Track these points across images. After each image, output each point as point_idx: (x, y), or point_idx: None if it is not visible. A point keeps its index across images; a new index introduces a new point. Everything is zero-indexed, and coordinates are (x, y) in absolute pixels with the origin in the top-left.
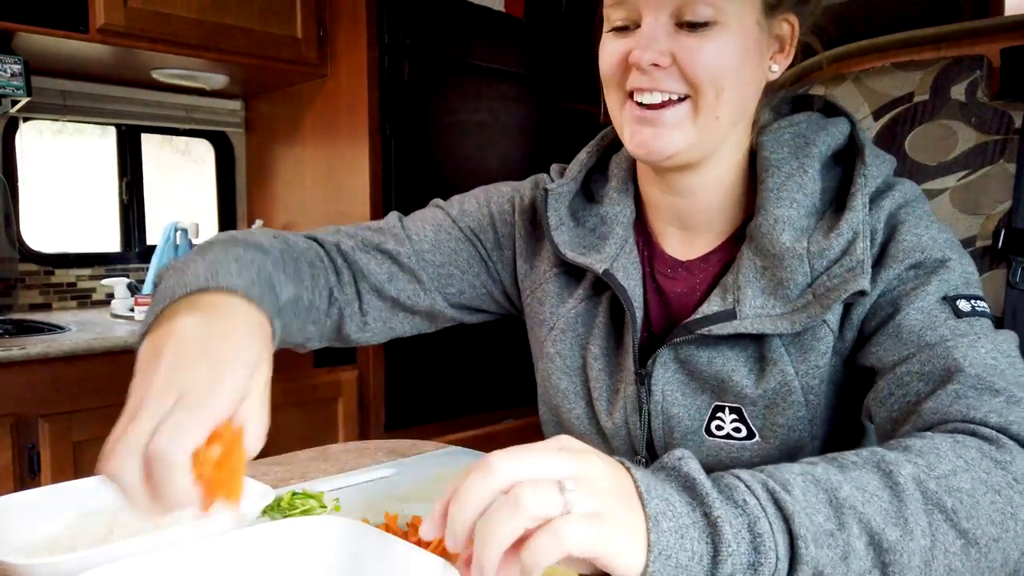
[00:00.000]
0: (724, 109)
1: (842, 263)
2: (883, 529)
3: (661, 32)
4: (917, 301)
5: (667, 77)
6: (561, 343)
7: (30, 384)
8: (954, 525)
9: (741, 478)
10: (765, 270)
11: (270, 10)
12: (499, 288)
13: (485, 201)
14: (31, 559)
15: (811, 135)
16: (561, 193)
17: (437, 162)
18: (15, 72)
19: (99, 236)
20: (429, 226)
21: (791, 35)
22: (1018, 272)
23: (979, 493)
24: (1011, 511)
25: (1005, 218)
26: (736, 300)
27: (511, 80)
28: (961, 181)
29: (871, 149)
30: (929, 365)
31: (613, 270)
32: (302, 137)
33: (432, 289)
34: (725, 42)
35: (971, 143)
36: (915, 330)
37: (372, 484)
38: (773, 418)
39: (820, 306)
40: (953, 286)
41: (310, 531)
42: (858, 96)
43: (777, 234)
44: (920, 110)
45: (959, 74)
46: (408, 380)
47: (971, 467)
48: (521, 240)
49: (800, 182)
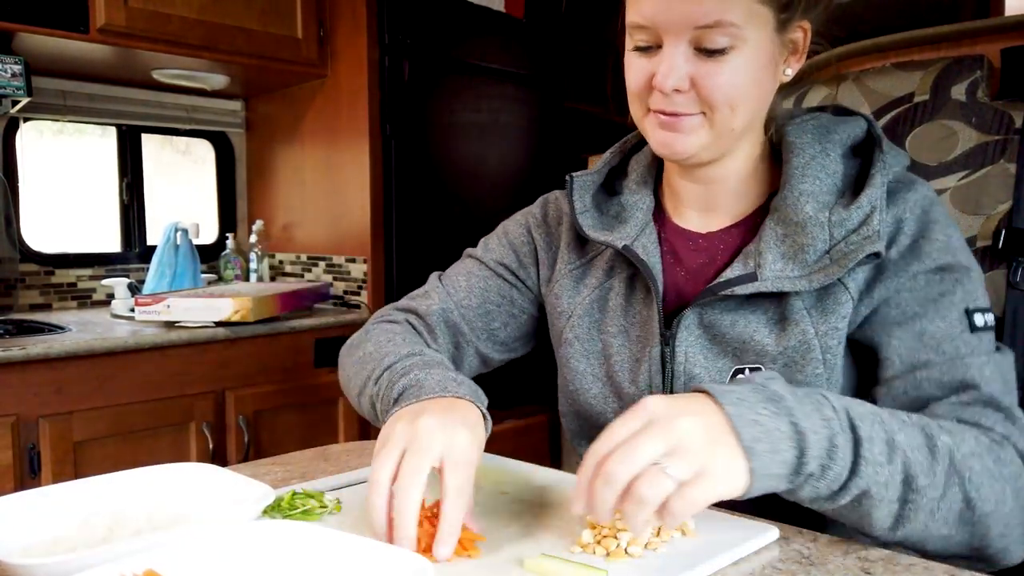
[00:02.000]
0: (738, 120)
1: (859, 232)
2: (917, 475)
3: (681, 59)
4: (942, 310)
5: (685, 100)
6: (579, 327)
7: (30, 384)
8: (963, 490)
9: (828, 398)
10: (786, 237)
11: (270, 10)
12: (535, 306)
13: (503, 233)
14: (31, 559)
15: (832, 126)
16: (585, 182)
17: (437, 162)
18: (15, 72)
19: (99, 236)
20: (461, 277)
21: (804, 39)
22: (1018, 272)
23: (985, 475)
24: (1002, 496)
25: (1005, 218)
26: (757, 264)
27: (511, 80)
28: (961, 181)
29: (888, 143)
30: (948, 376)
31: (633, 247)
32: (302, 137)
33: (473, 338)
34: (741, 64)
35: (971, 143)
36: (936, 337)
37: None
38: (792, 375)
39: (838, 267)
40: (973, 298)
41: (310, 531)
42: (858, 96)
43: (801, 205)
44: (920, 110)
45: (959, 74)
46: None
47: (983, 455)
48: (541, 252)
49: (823, 163)
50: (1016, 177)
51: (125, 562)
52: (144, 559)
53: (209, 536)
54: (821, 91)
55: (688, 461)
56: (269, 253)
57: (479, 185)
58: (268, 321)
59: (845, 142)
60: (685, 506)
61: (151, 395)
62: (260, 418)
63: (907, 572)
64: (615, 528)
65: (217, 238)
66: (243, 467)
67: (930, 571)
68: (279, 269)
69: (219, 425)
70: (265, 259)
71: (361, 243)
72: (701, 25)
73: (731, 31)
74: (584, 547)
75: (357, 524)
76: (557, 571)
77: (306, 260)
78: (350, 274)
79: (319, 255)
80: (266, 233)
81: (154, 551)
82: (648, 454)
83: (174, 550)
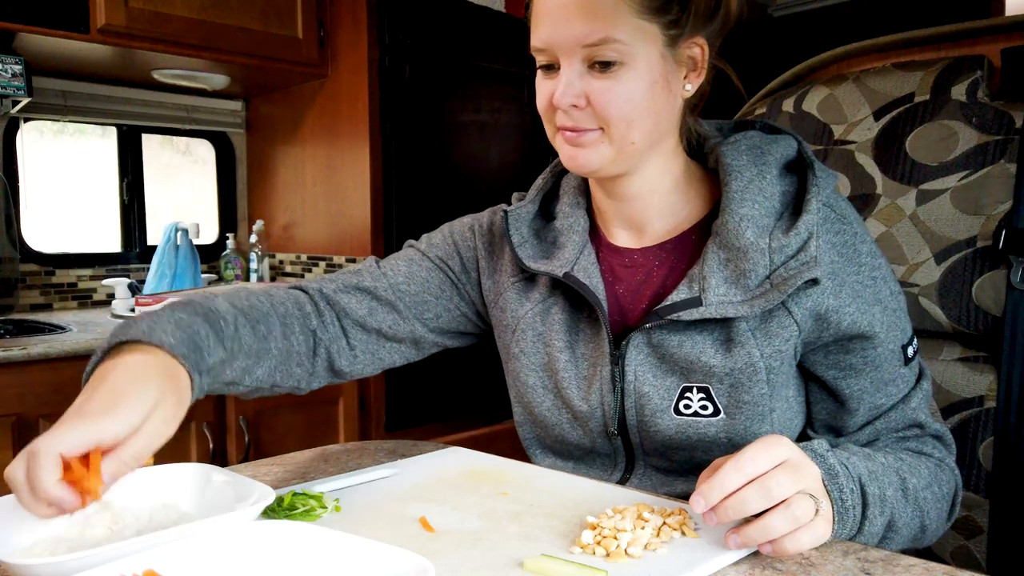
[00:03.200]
0: (637, 135)
1: (798, 257)
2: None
3: (575, 76)
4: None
5: (583, 116)
6: (524, 342)
7: (31, 384)
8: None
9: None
10: (728, 262)
11: (271, 10)
12: (472, 309)
13: (448, 233)
14: (31, 559)
15: (765, 146)
16: (520, 215)
17: (437, 162)
18: (16, 72)
19: (100, 236)
20: (402, 262)
21: (702, 55)
22: (1019, 272)
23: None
24: (941, 512)
25: (1006, 218)
26: (702, 289)
27: (512, 80)
28: (962, 181)
29: (819, 164)
30: (901, 423)
31: (574, 272)
32: (303, 137)
33: (410, 317)
34: (632, 81)
35: (972, 143)
36: (884, 380)
37: (372, 484)
38: (738, 395)
39: (778, 292)
40: (905, 330)
41: (310, 531)
42: (859, 96)
43: (742, 230)
44: (921, 110)
45: (960, 74)
46: (408, 381)
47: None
48: (483, 260)
49: (760, 186)
50: (1016, 177)
51: (125, 562)
52: (144, 559)
53: (209, 536)
54: (822, 91)
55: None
56: (269, 253)
57: (479, 184)
58: None
59: (780, 162)
60: (808, 539)
61: None
62: (260, 418)
63: (907, 573)
64: (615, 529)
65: (217, 238)
66: (243, 467)
67: (930, 572)
68: (279, 269)
69: (219, 425)
70: (265, 259)
71: (361, 243)
72: (588, 44)
73: (618, 47)
74: (584, 548)
75: (357, 524)
76: (557, 571)
77: (306, 260)
78: None
79: (319, 255)
80: (266, 233)
81: (154, 551)
82: (783, 492)
83: (174, 550)
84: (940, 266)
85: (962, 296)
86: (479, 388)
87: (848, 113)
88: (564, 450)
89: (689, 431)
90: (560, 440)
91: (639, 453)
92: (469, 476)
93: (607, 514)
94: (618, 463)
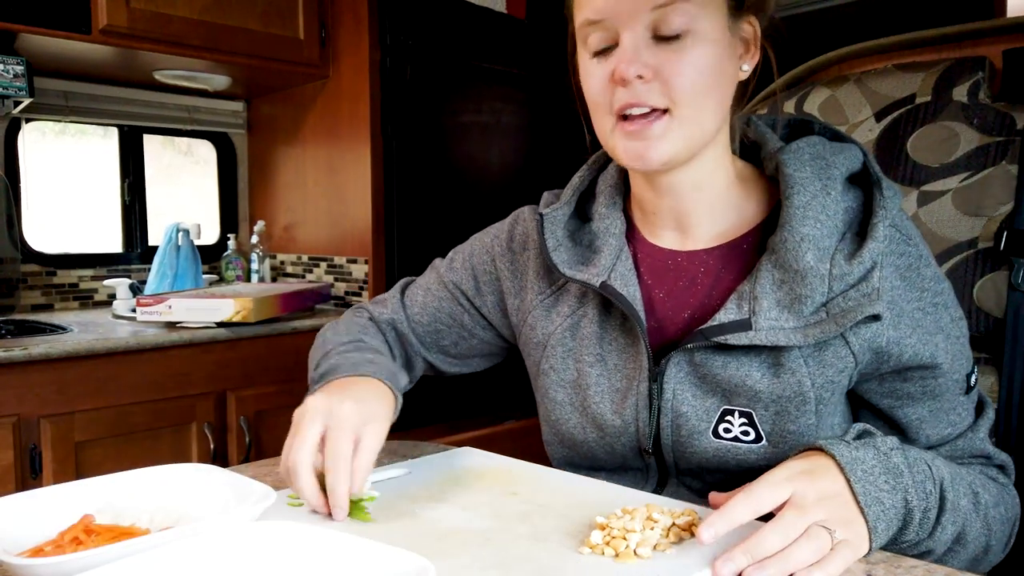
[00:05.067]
0: (705, 115)
1: (859, 288)
2: (967, 533)
3: (642, 46)
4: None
5: (650, 91)
6: (553, 358)
7: (32, 385)
8: (987, 542)
9: (932, 469)
10: (783, 284)
11: (272, 11)
12: (490, 332)
13: (469, 253)
14: (31, 559)
15: (830, 157)
16: (556, 217)
17: (439, 163)
18: (17, 73)
19: (101, 237)
20: (420, 290)
21: (754, 36)
22: (1020, 273)
23: (998, 521)
24: (1005, 536)
25: (1007, 220)
26: (752, 311)
27: (513, 81)
28: (963, 183)
29: (886, 180)
30: (966, 453)
31: (610, 280)
32: (304, 138)
33: (425, 347)
34: (701, 52)
35: (973, 144)
36: (948, 411)
37: (383, 484)
38: (784, 424)
39: (835, 324)
40: (968, 358)
41: (310, 531)
42: (860, 97)
43: (803, 252)
44: (922, 111)
45: (961, 75)
46: None
47: (999, 505)
48: (507, 281)
49: (824, 203)
50: (1018, 178)
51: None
52: (144, 559)
53: (209, 536)
54: (823, 92)
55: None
56: (270, 254)
57: (481, 186)
58: (269, 322)
59: (844, 175)
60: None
61: (152, 395)
62: (261, 419)
63: (908, 574)
64: (624, 529)
65: (218, 239)
66: (244, 468)
67: (931, 573)
68: (280, 270)
69: (220, 426)
70: (266, 260)
71: (362, 244)
72: (658, 5)
73: (688, 10)
74: (593, 548)
75: (366, 523)
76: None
77: (307, 261)
78: (351, 275)
79: (320, 256)
80: (267, 234)
81: (154, 551)
82: (801, 560)
83: (174, 550)
84: (942, 267)
85: (963, 297)
86: (481, 389)
87: (849, 114)
88: (595, 466)
89: (727, 456)
90: (590, 457)
91: (672, 471)
92: (479, 476)
93: (616, 514)
94: (650, 479)
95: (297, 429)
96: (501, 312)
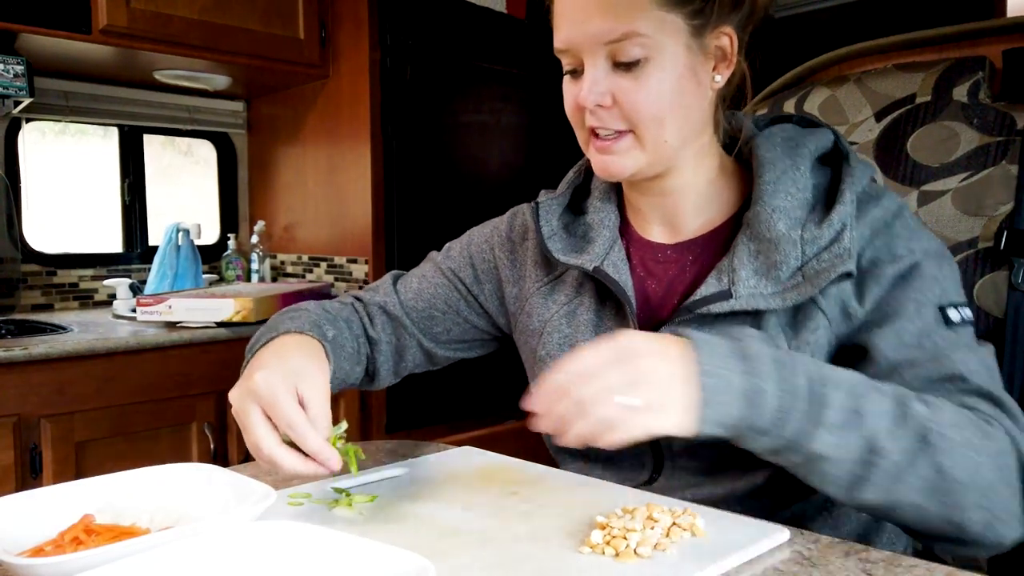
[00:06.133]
0: (668, 133)
1: (831, 250)
2: (879, 439)
3: (601, 75)
4: (918, 310)
5: (611, 117)
6: (550, 344)
7: (32, 384)
8: (933, 458)
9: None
10: (759, 254)
11: (272, 11)
12: (485, 320)
13: (467, 243)
14: (31, 559)
15: (800, 138)
16: (550, 207)
17: (439, 163)
18: (17, 73)
19: (101, 237)
20: (414, 279)
21: (731, 45)
22: (1020, 273)
23: (963, 445)
24: (978, 470)
25: (1007, 219)
26: (731, 282)
27: (513, 81)
28: (963, 182)
29: (854, 155)
30: (934, 372)
31: (603, 266)
32: (304, 138)
33: (417, 332)
34: (659, 77)
35: (973, 144)
36: (915, 335)
37: (382, 484)
38: None
39: (811, 285)
40: (946, 295)
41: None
42: (860, 97)
43: (774, 222)
44: (922, 111)
45: (961, 75)
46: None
47: (964, 427)
48: (504, 270)
49: (793, 177)
50: (1018, 178)
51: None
52: (144, 559)
53: (209, 536)
54: (823, 92)
55: (643, 394)
56: (271, 254)
57: (481, 186)
58: None
59: (814, 154)
60: (630, 429)
61: (152, 395)
62: None
63: (908, 573)
64: (624, 529)
65: (219, 239)
66: (244, 467)
67: (931, 572)
68: (280, 270)
69: (220, 425)
70: (267, 260)
71: (362, 244)
72: (610, 40)
73: (642, 42)
74: (594, 547)
75: (366, 523)
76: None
77: (307, 261)
78: (351, 275)
79: (320, 256)
80: (267, 234)
81: (154, 551)
82: (610, 384)
83: (174, 550)
84: None
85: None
86: (481, 390)
87: (849, 114)
88: (591, 453)
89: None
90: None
91: (667, 453)
92: (479, 476)
93: (617, 514)
94: (646, 464)
95: (242, 424)
96: (498, 300)
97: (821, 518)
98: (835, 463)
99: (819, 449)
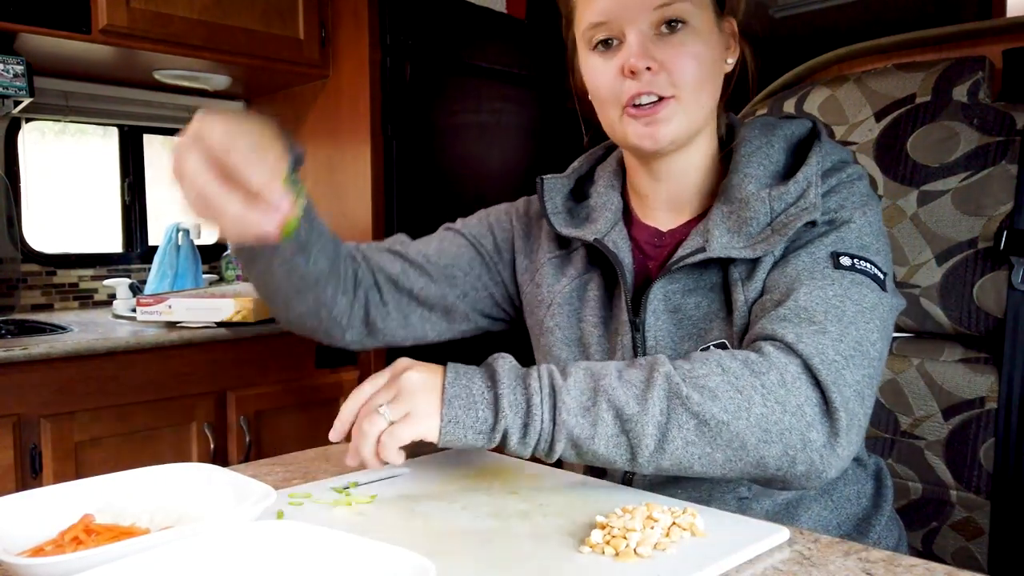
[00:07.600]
0: (704, 99)
1: (797, 204)
2: (625, 405)
3: (647, 41)
4: (810, 248)
5: (658, 81)
6: (559, 316)
7: (32, 384)
8: (687, 409)
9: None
10: (731, 214)
11: (272, 11)
12: (501, 290)
13: (484, 215)
14: (31, 559)
15: (777, 123)
16: (555, 185)
17: (439, 163)
18: (17, 73)
19: (101, 237)
20: (434, 239)
21: (733, 34)
22: (1020, 273)
23: (720, 390)
24: (746, 406)
25: (1007, 219)
26: (706, 240)
27: (513, 81)
28: (963, 182)
29: (828, 139)
30: (778, 294)
31: (604, 240)
32: (304, 138)
33: (441, 281)
34: (698, 44)
35: (973, 144)
36: (797, 268)
37: (382, 483)
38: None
39: (779, 235)
40: (847, 246)
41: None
42: (860, 97)
43: (745, 184)
44: (922, 111)
45: (961, 75)
46: None
47: (725, 372)
48: (519, 240)
49: (767, 152)
50: (1017, 178)
51: (125, 562)
52: (144, 559)
53: (209, 536)
54: (823, 92)
55: (400, 406)
56: None
57: (481, 186)
58: (270, 322)
59: (789, 137)
60: (391, 440)
61: (152, 395)
62: (261, 418)
63: (908, 573)
64: (624, 528)
65: (218, 238)
66: (244, 467)
67: (931, 572)
68: None
69: (220, 425)
70: None
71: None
72: (659, 5)
73: (685, 9)
74: (593, 547)
75: (366, 523)
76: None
77: None
78: None
79: None
80: None
81: (154, 551)
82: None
83: (174, 550)
84: (941, 267)
85: (963, 297)
86: None
87: (849, 114)
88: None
89: None
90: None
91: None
92: (479, 475)
93: (616, 513)
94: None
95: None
96: (511, 272)
97: (820, 502)
98: (596, 439)
99: (570, 430)
